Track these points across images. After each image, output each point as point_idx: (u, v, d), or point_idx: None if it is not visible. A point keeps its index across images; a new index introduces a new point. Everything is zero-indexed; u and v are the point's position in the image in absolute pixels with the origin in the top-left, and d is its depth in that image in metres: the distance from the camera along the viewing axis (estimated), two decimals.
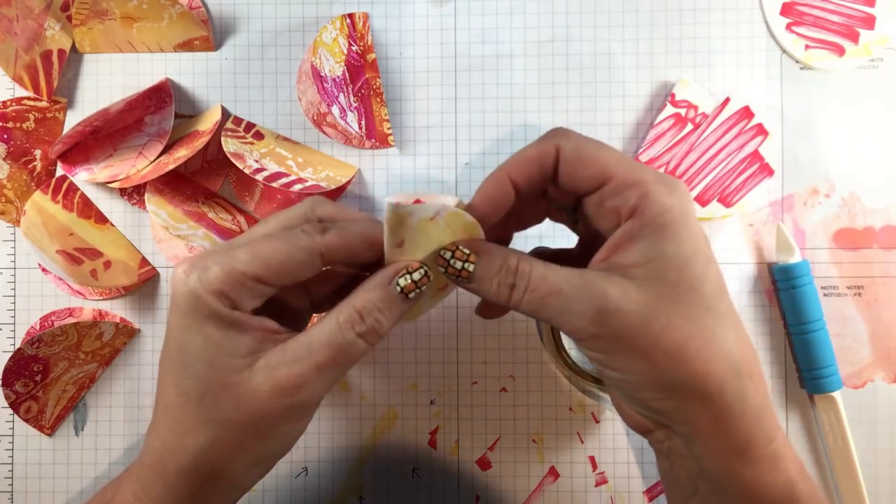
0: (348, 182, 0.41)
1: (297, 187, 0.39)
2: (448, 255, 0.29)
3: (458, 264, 0.29)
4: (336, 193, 0.42)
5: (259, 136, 0.42)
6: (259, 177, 0.39)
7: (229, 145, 0.40)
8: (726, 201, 0.41)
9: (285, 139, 0.42)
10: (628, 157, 0.28)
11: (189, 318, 0.28)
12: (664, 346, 0.26)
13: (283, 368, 0.28)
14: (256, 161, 0.40)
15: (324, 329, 0.29)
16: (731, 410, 0.27)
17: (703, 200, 0.41)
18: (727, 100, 0.41)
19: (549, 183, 0.30)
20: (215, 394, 0.28)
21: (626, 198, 0.27)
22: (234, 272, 0.28)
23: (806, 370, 0.40)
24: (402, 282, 0.29)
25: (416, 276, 0.29)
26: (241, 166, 0.39)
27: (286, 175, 0.39)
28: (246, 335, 0.28)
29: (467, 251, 0.29)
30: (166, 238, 0.42)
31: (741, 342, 0.27)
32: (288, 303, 0.32)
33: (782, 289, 0.40)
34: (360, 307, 0.29)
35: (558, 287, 0.27)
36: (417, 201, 0.28)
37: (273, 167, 0.40)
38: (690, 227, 0.27)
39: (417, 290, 0.30)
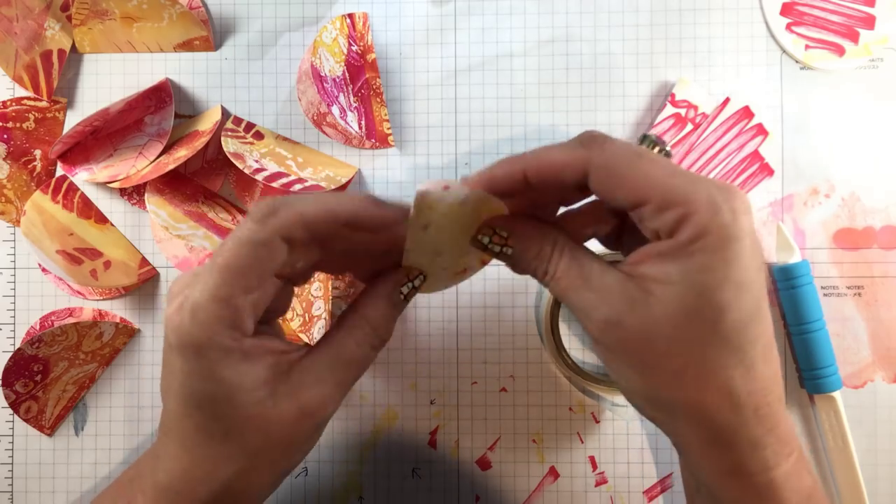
0: (348, 182, 0.41)
1: (297, 187, 0.39)
2: (486, 240, 0.29)
3: (497, 248, 0.29)
4: (340, 189, 0.42)
5: (259, 136, 0.42)
6: (259, 177, 0.39)
7: (229, 145, 0.40)
8: None
9: (285, 139, 0.42)
10: (673, 168, 0.26)
11: (194, 364, 0.27)
12: (660, 368, 0.26)
13: (306, 391, 0.28)
14: (256, 161, 0.40)
15: (341, 347, 0.29)
16: (721, 438, 0.26)
17: None
18: (727, 100, 0.41)
19: (572, 194, 0.29)
20: (241, 428, 0.27)
21: (664, 221, 0.25)
22: (218, 298, 0.26)
23: (806, 370, 0.40)
24: (405, 290, 0.30)
25: (417, 282, 0.30)
26: (241, 166, 0.39)
27: (286, 175, 0.39)
28: (257, 365, 0.27)
29: (505, 234, 0.29)
30: (166, 238, 0.42)
31: (752, 378, 0.26)
32: (280, 299, 0.31)
33: (782, 289, 0.40)
34: (374, 322, 0.29)
35: (577, 284, 0.27)
36: (446, 187, 0.27)
37: (273, 167, 0.40)
38: (733, 251, 0.24)
39: (415, 292, 0.31)
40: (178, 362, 0.27)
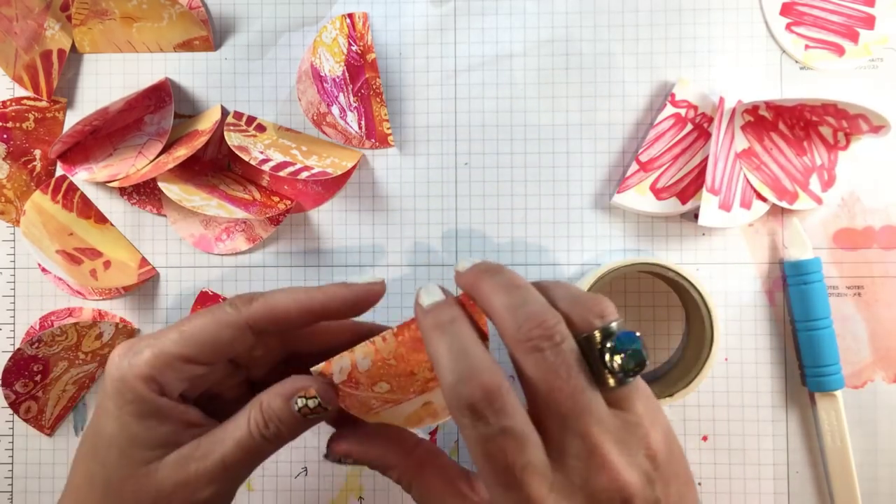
0: (354, 167, 0.41)
1: (303, 175, 0.39)
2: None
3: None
4: (342, 179, 0.42)
5: (261, 128, 0.42)
6: (266, 167, 0.39)
7: (233, 139, 0.40)
8: None
9: (287, 130, 0.42)
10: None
11: (111, 403, 0.27)
12: None
13: (192, 464, 0.27)
14: (261, 152, 0.40)
15: (235, 426, 0.28)
16: None
17: None
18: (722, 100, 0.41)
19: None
20: (120, 484, 0.27)
21: None
22: (162, 354, 0.27)
23: (810, 367, 0.40)
24: (299, 402, 0.28)
25: (311, 403, 0.28)
26: (246, 158, 0.39)
27: (292, 164, 0.40)
28: (164, 425, 0.28)
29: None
30: (180, 217, 0.42)
31: None
32: (226, 387, 0.32)
33: (792, 284, 0.40)
34: (265, 412, 0.28)
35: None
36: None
37: (278, 157, 0.40)
38: None
39: (315, 417, 0.28)
40: (100, 399, 0.28)
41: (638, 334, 0.25)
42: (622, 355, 0.24)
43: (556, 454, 0.24)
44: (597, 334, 0.25)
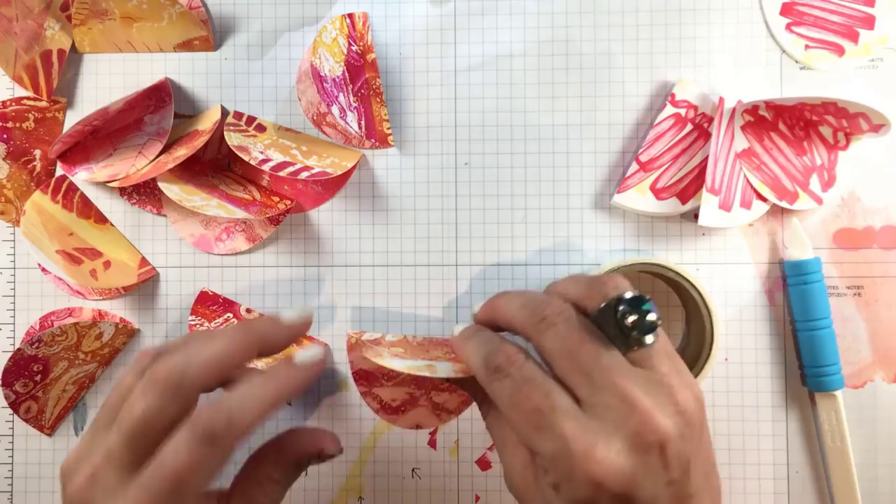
0: (354, 167, 0.41)
1: (303, 175, 0.39)
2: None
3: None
4: (342, 179, 0.42)
5: (261, 128, 0.42)
6: (266, 167, 0.39)
7: (233, 139, 0.40)
8: None
9: (287, 130, 0.42)
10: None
11: None
12: None
13: None
14: (261, 152, 0.40)
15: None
16: None
17: None
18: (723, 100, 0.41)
19: None
20: None
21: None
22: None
23: (810, 367, 0.40)
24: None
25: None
26: (246, 158, 0.39)
27: (292, 164, 0.40)
28: None
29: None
30: (180, 218, 0.42)
31: None
32: None
33: (792, 284, 0.40)
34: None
35: (501, 440, 0.32)
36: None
37: (278, 157, 0.40)
38: None
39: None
40: None
41: (648, 297, 0.27)
42: (634, 316, 0.27)
43: (587, 407, 0.26)
44: (612, 303, 0.27)
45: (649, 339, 0.27)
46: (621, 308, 0.27)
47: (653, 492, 0.25)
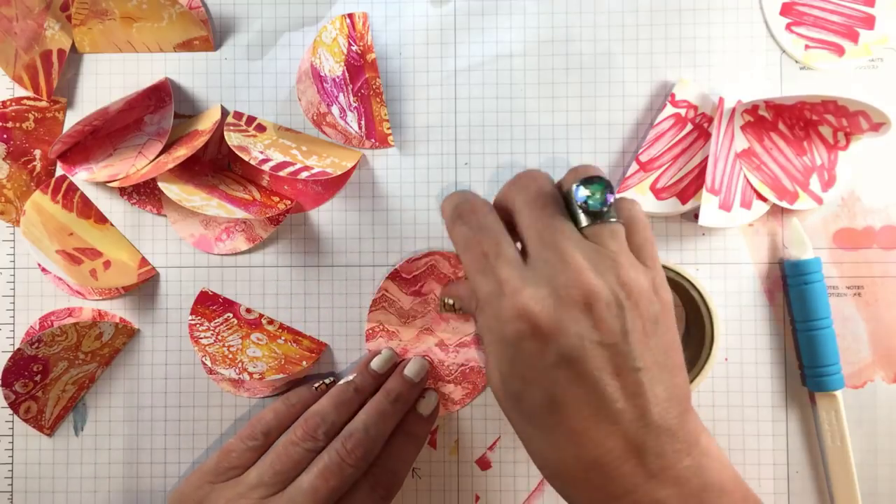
0: (354, 167, 0.41)
1: (303, 175, 0.39)
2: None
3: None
4: (342, 179, 0.42)
5: (261, 128, 0.42)
6: (265, 167, 0.39)
7: (233, 139, 0.40)
8: None
9: (287, 129, 0.42)
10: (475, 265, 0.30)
11: None
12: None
13: None
14: (261, 152, 0.40)
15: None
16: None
17: None
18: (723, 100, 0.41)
19: None
20: None
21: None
22: None
23: (809, 367, 0.40)
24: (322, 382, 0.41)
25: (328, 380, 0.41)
26: (246, 158, 0.39)
27: (292, 164, 0.40)
28: None
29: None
30: (180, 218, 0.42)
31: (559, 448, 0.28)
32: None
33: (792, 284, 0.40)
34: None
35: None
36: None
37: (278, 157, 0.40)
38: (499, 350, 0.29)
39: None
40: None
41: (607, 179, 0.29)
42: (588, 190, 0.29)
43: (530, 261, 0.29)
44: (578, 184, 0.30)
45: (599, 214, 0.29)
46: (580, 185, 0.29)
47: (579, 345, 0.26)
